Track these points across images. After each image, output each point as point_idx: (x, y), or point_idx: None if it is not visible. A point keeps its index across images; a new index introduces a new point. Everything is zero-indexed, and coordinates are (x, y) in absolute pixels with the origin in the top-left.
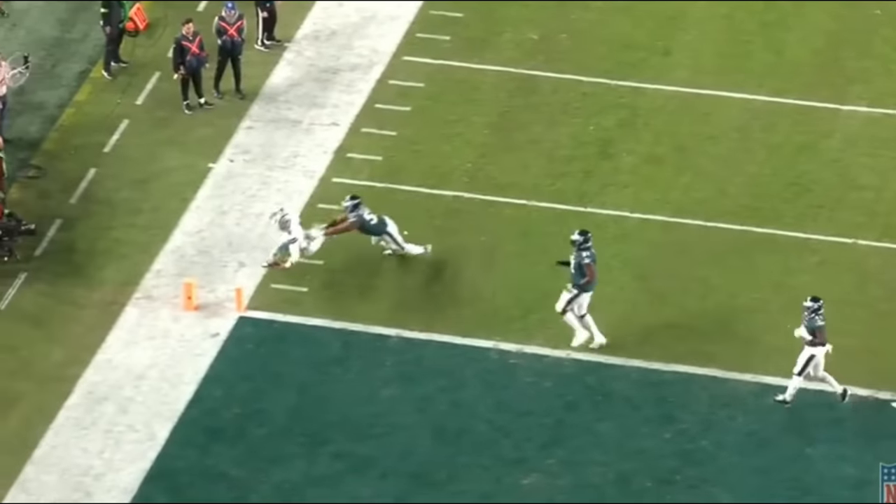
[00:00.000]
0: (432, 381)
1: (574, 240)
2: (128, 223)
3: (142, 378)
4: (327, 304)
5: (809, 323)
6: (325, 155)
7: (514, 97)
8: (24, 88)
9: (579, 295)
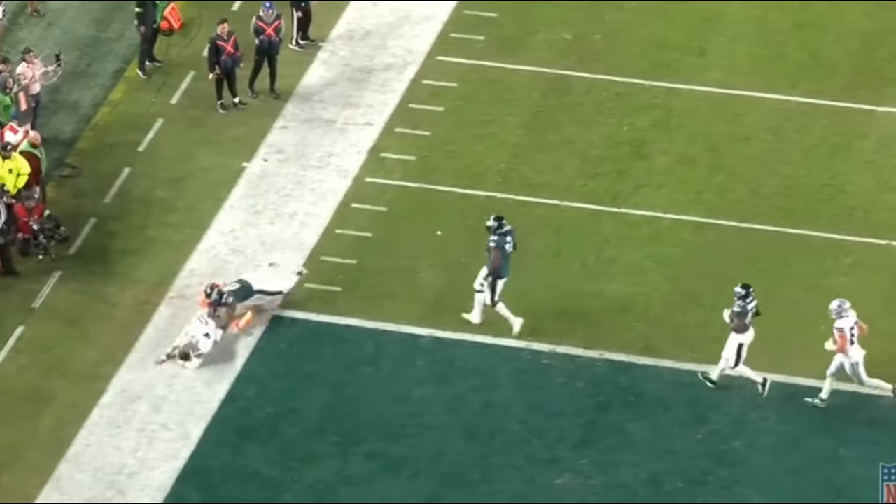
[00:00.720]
0: (464, 381)
1: (489, 225)
2: (162, 222)
3: (175, 377)
4: (360, 303)
5: (735, 308)
6: (358, 154)
7: (547, 97)
8: (58, 87)
9: (494, 282)
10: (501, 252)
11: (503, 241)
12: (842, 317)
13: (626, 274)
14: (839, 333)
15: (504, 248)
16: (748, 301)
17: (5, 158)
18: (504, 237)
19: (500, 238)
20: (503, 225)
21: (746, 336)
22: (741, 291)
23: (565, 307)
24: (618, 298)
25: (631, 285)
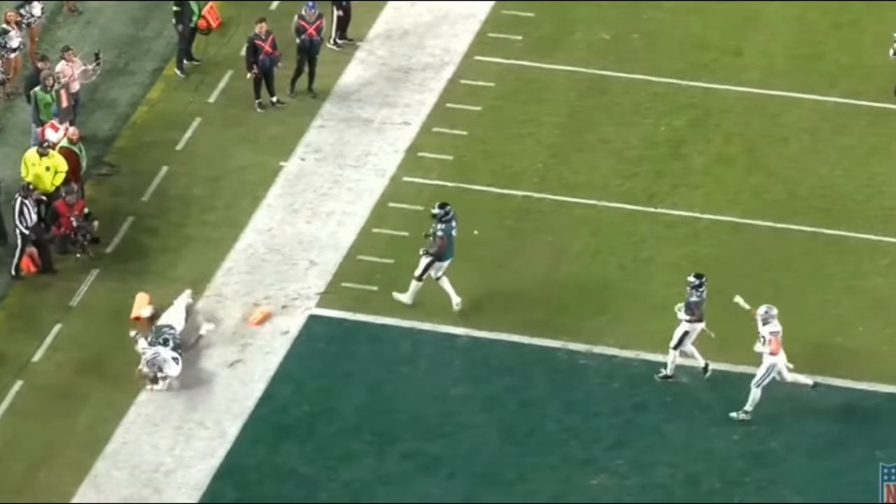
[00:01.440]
0: (501, 381)
1: (434, 213)
2: (199, 220)
3: (212, 375)
4: (397, 303)
5: (688, 298)
6: (396, 154)
7: (584, 97)
8: (97, 86)
9: (433, 262)
10: (448, 239)
11: (450, 229)
12: (768, 322)
13: (662, 274)
14: (773, 337)
15: (451, 234)
16: (701, 290)
17: (43, 156)
18: (450, 224)
19: (447, 226)
20: (448, 212)
21: (697, 326)
22: (695, 281)
23: (602, 307)
24: (654, 298)
25: (667, 285)
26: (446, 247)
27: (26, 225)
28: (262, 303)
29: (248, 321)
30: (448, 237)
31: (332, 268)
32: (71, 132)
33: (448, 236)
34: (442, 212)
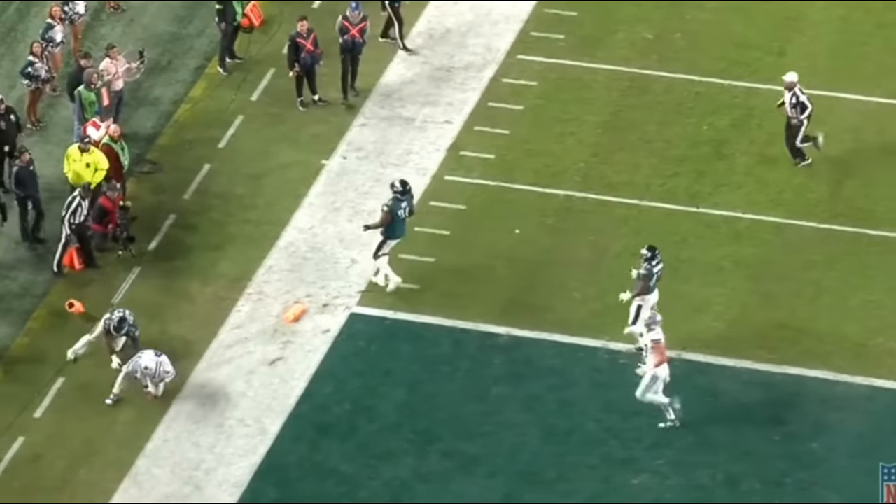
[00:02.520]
0: (541, 381)
1: (392, 184)
2: (241, 219)
3: (252, 373)
4: (438, 301)
5: (642, 270)
6: (438, 152)
7: (626, 96)
8: (140, 84)
9: (384, 241)
10: (392, 215)
11: (397, 206)
12: (652, 329)
13: (704, 274)
14: (655, 346)
15: (397, 213)
16: (654, 264)
17: (84, 152)
18: (399, 202)
19: (395, 202)
20: (407, 191)
21: (650, 298)
22: (647, 254)
23: None
24: (696, 298)
25: (709, 285)
26: (389, 223)
27: (75, 222)
28: (303, 301)
29: (283, 318)
30: (392, 214)
31: (374, 265)
32: (112, 130)
33: (393, 213)
34: (400, 188)
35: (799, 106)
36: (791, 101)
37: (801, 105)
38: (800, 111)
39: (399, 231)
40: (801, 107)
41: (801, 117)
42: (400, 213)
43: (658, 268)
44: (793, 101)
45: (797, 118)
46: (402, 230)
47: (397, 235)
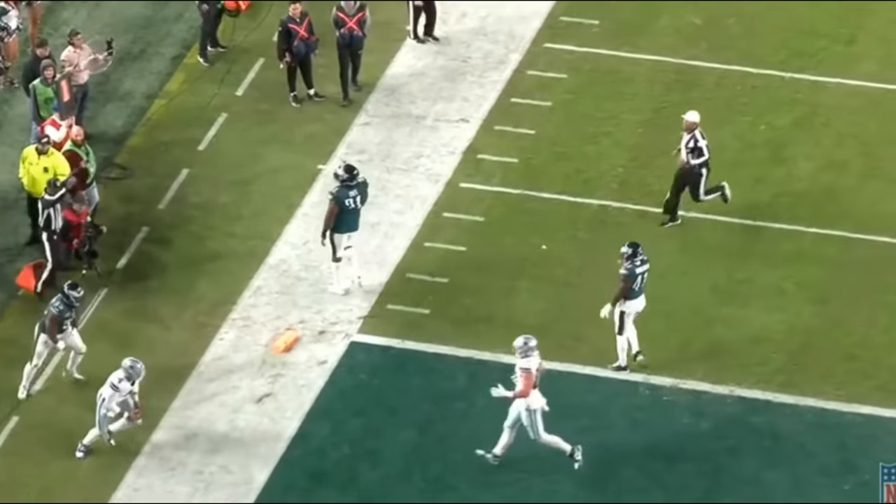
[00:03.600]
0: (573, 420)
1: (336, 172)
2: (225, 232)
3: (237, 412)
4: (452, 329)
5: (622, 270)
6: (452, 156)
7: (671, 91)
8: (107, 76)
9: (332, 236)
10: (339, 205)
11: (344, 195)
12: (527, 356)
13: (762, 297)
14: (524, 374)
15: (344, 202)
16: (636, 263)
17: (41, 154)
18: (347, 190)
19: (342, 190)
20: (354, 177)
21: (633, 304)
22: (627, 251)
23: (691, 335)
24: (752, 326)
25: (768, 310)
26: (338, 215)
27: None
28: (296, 327)
29: (272, 347)
30: (340, 205)
31: (378, 287)
32: (75, 133)
33: (340, 204)
34: (345, 174)
35: (696, 151)
36: (689, 144)
37: (699, 150)
38: (696, 156)
39: (349, 223)
40: (697, 152)
41: (695, 162)
42: (348, 203)
43: (642, 269)
44: (690, 145)
45: (692, 165)
46: (354, 223)
47: (348, 229)
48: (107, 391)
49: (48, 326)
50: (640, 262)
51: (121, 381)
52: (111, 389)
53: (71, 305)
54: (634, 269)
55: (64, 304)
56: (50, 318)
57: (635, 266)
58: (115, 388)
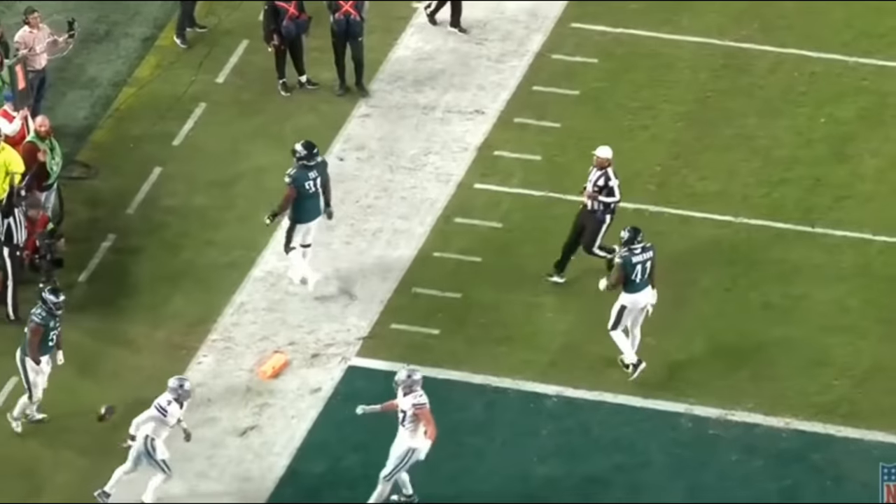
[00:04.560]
0: (604, 457)
1: (295, 149)
2: (203, 240)
3: (218, 447)
4: (465, 351)
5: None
6: (465, 153)
7: (718, 78)
8: (69, 60)
9: (293, 227)
10: (298, 189)
11: (303, 177)
12: (413, 390)
13: (822, 316)
14: (419, 411)
15: (303, 185)
16: (635, 251)
17: None
18: (306, 171)
19: (300, 172)
20: (314, 155)
21: (634, 298)
22: (625, 235)
23: (740, 360)
24: (812, 349)
25: (829, 332)
26: (293, 200)
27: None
28: (285, 350)
29: (258, 373)
30: (298, 188)
31: (380, 304)
32: (39, 123)
33: (299, 187)
34: (304, 151)
35: (606, 190)
36: (598, 182)
37: (609, 190)
38: (605, 195)
39: (310, 211)
40: (607, 191)
41: (605, 200)
42: (308, 187)
43: (642, 257)
44: (599, 183)
45: (598, 207)
46: (316, 209)
47: (309, 217)
48: (150, 419)
49: (29, 342)
50: (639, 249)
51: (169, 404)
52: (159, 414)
53: (53, 314)
54: (631, 256)
55: (46, 312)
56: (32, 331)
57: (633, 253)
58: (163, 413)
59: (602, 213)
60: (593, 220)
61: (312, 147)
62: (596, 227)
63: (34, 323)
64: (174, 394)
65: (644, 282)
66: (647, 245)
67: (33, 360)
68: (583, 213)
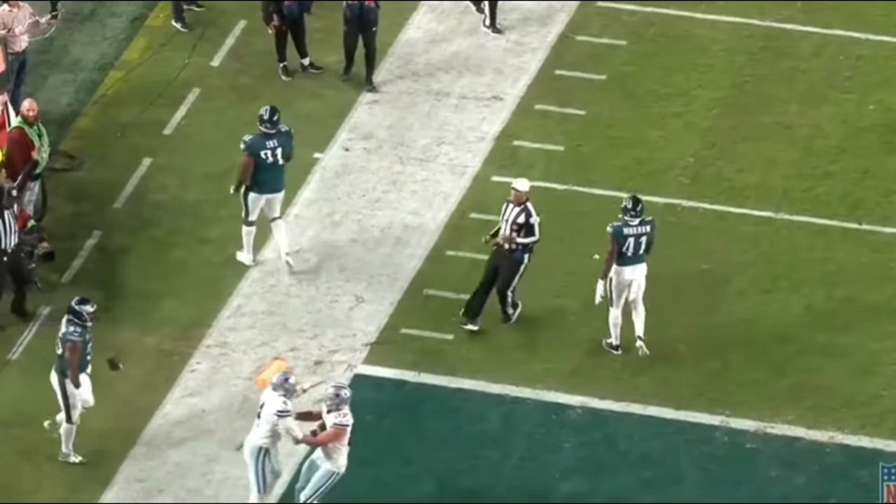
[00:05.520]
0: (632, 473)
1: (261, 114)
2: (196, 237)
3: (213, 461)
4: (481, 358)
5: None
6: (481, 142)
7: (756, 62)
8: (51, 42)
9: (246, 194)
10: (255, 158)
11: (259, 145)
12: (337, 409)
13: (869, 320)
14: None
15: (259, 154)
16: (628, 220)
17: None
18: (264, 139)
19: (257, 140)
20: (274, 122)
21: (619, 269)
22: (626, 203)
23: (779, 368)
24: (858, 356)
25: (877, 337)
26: (251, 170)
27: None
28: (286, 357)
29: (256, 381)
30: (255, 155)
31: (388, 307)
32: (27, 107)
33: (254, 154)
34: (265, 116)
35: (526, 229)
36: (517, 220)
37: (529, 228)
38: (525, 235)
39: (268, 182)
40: (527, 230)
41: (523, 241)
42: (264, 156)
43: (637, 230)
44: (519, 221)
45: (516, 246)
46: (275, 182)
47: (266, 189)
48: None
49: (69, 363)
50: (637, 221)
51: (286, 404)
52: (280, 421)
53: (86, 326)
54: (622, 227)
55: (81, 327)
56: (70, 350)
57: (626, 223)
58: (284, 416)
59: (521, 254)
60: (511, 260)
61: (274, 113)
62: (513, 267)
63: (71, 342)
64: (283, 390)
65: (636, 257)
66: (646, 218)
67: (74, 382)
68: (498, 253)
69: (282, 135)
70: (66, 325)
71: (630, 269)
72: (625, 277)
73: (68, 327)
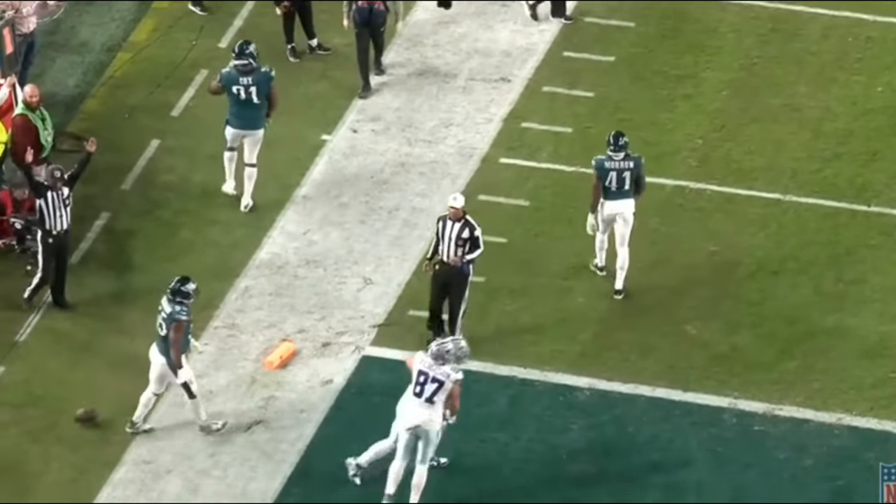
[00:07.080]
0: (640, 455)
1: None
2: (205, 219)
3: (221, 444)
4: (489, 340)
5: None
6: (490, 124)
7: (766, 43)
8: (59, 23)
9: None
10: (227, 92)
11: (232, 79)
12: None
13: (879, 302)
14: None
15: (230, 88)
16: (610, 155)
17: None
18: (238, 75)
19: (230, 73)
20: (244, 55)
21: (609, 206)
22: (609, 138)
23: (788, 350)
24: (867, 339)
25: (887, 319)
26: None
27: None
28: (294, 338)
29: (264, 363)
30: (226, 87)
31: (397, 288)
32: (29, 93)
33: (225, 85)
34: (237, 50)
35: (472, 243)
36: (460, 234)
37: (474, 241)
38: (471, 250)
39: (240, 118)
40: (473, 244)
41: (472, 256)
42: (236, 91)
43: (618, 165)
44: (463, 235)
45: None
46: (248, 119)
47: (238, 125)
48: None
49: (173, 342)
50: (620, 156)
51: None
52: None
53: (189, 304)
54: (604, 161)
55: (185, 307)
56: (175, 329)
57: (609, 157)
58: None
59: (467, 267)
60: (459, 275)
61: (247, 45)
62: (463, 283)
63: (177, 321)
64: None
65: (621, 192)
66: (631, 154)
67: (177, 362)
68: (443, 273)
69: (259, 73)
70: (169, 305)
71: (613, 203)
72: (610, 212)
73: (174, 307)
